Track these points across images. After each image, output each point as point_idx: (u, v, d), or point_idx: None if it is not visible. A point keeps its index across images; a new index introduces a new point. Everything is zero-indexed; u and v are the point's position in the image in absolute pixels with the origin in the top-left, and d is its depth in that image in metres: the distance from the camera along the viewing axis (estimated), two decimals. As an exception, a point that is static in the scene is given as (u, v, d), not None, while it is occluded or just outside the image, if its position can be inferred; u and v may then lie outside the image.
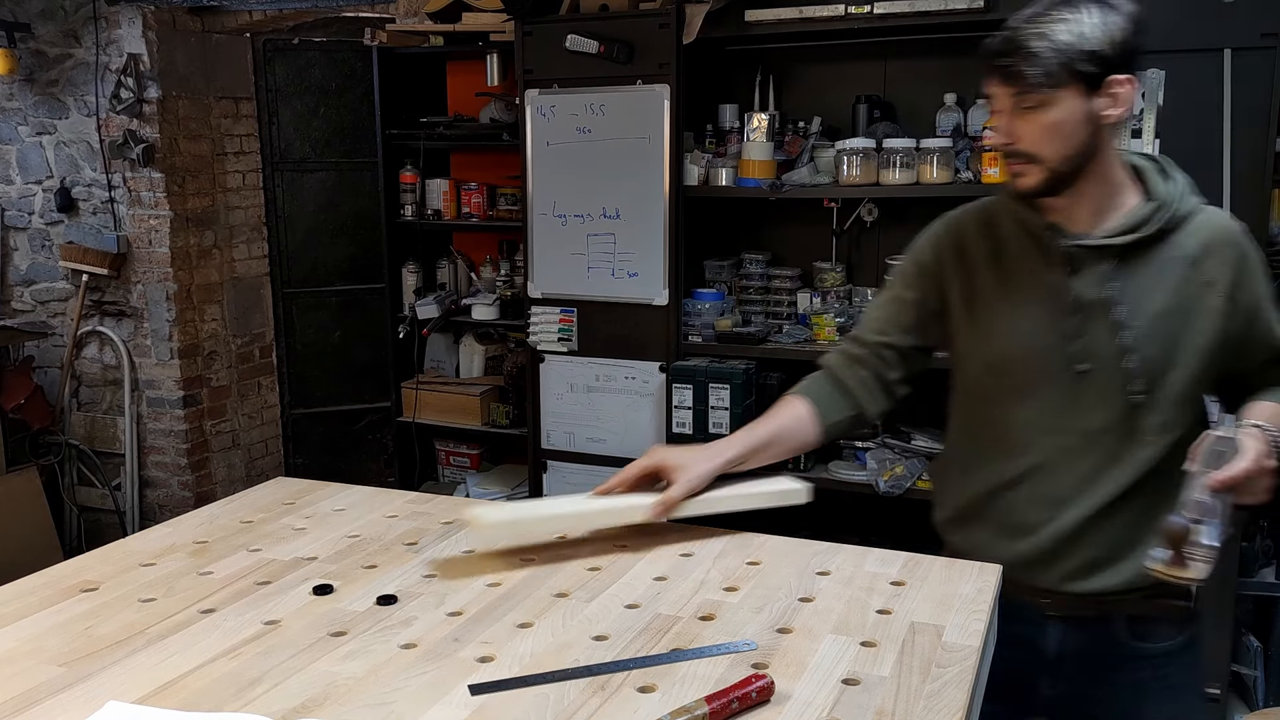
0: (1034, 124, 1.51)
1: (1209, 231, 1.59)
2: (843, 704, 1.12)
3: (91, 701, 1.13)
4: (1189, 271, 1.58)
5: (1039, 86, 1.47)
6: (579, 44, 3.33)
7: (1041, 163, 1.53)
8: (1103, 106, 1.50)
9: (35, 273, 4.58)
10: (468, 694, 1.14)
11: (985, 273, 1.68)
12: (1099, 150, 1.54)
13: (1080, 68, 1.47)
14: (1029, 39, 1.47)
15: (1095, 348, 1.59)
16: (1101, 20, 1.47)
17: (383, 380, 4.47)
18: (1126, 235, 1.57)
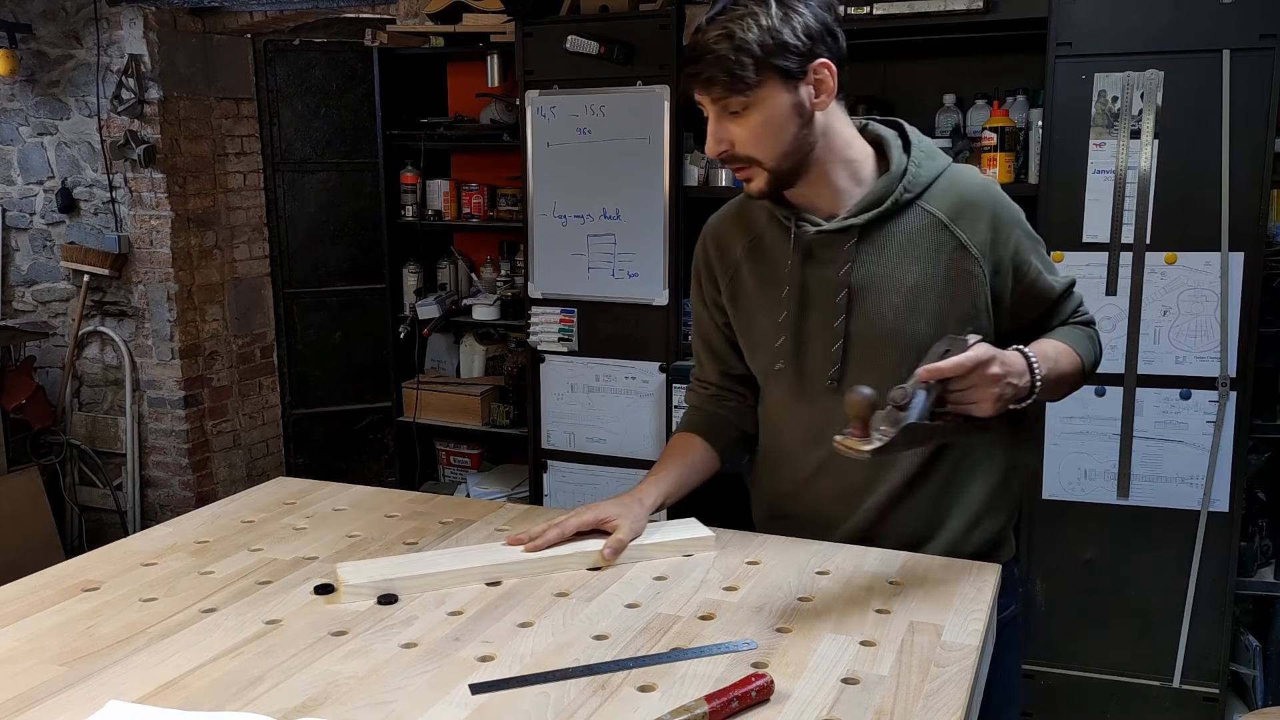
0: (744, 127, 1.46)
1: (955, 193, 1.54)
2: (842, 703, 1.12)
3: (92, 701, 1.13)
4: (941, 237, 1.53)
5: (735, 91, 1.42)
6: (579, 45, 3.34)
7: (761, 164, 1.48)
8: (809, 95, 1.45)
9: (36, 273, 4.59)
10: (468, 693, 1.14)
11: (745, 268, 1.64)
12: (821, 136, 1.49)
13: (775, 63, 1.41)
14: (714, 42, 1.41)
15: (853, 333, 1.56)
16: (782, 9, 1.42)
17: (383, 380, 4.47)
18: (862, 214, 1.52)
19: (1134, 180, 2.80)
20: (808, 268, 1.57)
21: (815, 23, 1.43)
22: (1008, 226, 1.55)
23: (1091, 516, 2.97)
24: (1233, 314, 2.78)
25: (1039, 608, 3.07)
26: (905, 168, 1.53)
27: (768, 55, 1.40)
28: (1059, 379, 1.53)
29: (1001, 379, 1.38)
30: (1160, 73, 2.74)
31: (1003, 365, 1.39)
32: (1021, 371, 1.42)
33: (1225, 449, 2.83)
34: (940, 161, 1.58)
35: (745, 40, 1.40)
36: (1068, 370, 1.56)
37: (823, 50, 1.44)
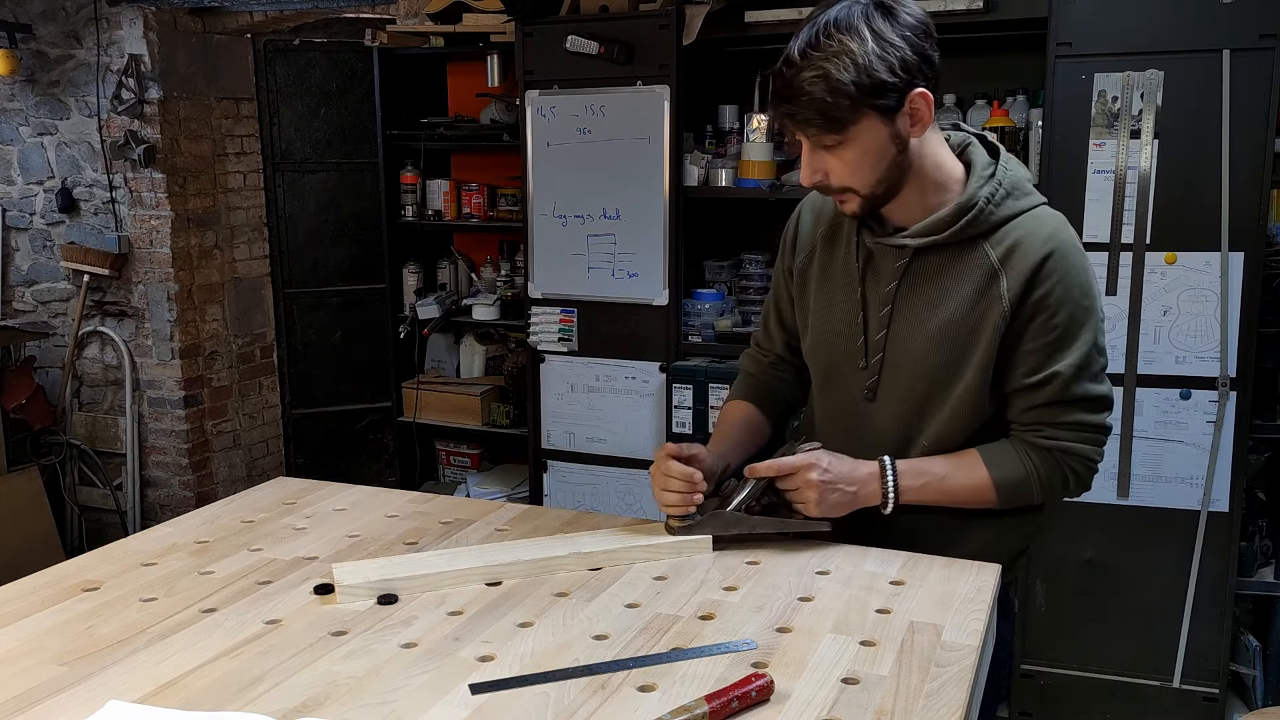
0: (839, 159, 1.44)
1: (1016, 238, 1.49)
2: (842, 703, 1.12)
3: (92, 701, 1.13)
4: (987, 282, 1.49)
5: (831, 131, 1.40)
6: (579, 45, 3.34)
7: (856, 192, 1.47)
8: (905, 125, 1.43)
9: (36, 273, 4.59)
10: (468, 693, 1.14)
11: (818, 254, 1.65)
12: (914, 162, 1.47)
13: (870, 102, 1.38)
14: (808, 83, 1.37)
15: (877, 349, 1.57)
16: (879, 44, 1.37)
17: (383, 380, 4.47)
18: (919, 238, 1.51)
19: (1134, 180, 2.80)
20: (868, 273, 1.58)
21: (911, 54, 1.40)
22: (1047, 287, 1.47)
23: (1091, 516, 2.96)
24: (1233, 314, 2.77)
25: (1039, 608, 3.06)
26: (978, 202, 1.49)
27: (863, 95, 1.37)
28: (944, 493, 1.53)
29: (823, 485, 1.48)
30: (1160, 73, 2.74)
31: (827, 474, 1.48)
32: (864, 479, 1.51)
33: (1225, 449, 2.83)
34: (1022, 203, 1.52)
35: (841, 81, 1.36)
36: (960, 486, 1.53)
37: (919, 80, 1.41)
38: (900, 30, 1.39)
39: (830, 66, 1.36)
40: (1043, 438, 1.52)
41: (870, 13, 1.39)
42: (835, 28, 1.37)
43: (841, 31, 1.37)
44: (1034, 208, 1.53)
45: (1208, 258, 2.78)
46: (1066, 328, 1.48)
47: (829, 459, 1.50)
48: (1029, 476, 1.53)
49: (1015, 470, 1.53)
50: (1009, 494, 1.54)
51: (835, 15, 1.39)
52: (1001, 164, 1.54)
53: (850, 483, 1.50)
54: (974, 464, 1.54)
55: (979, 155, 1.54)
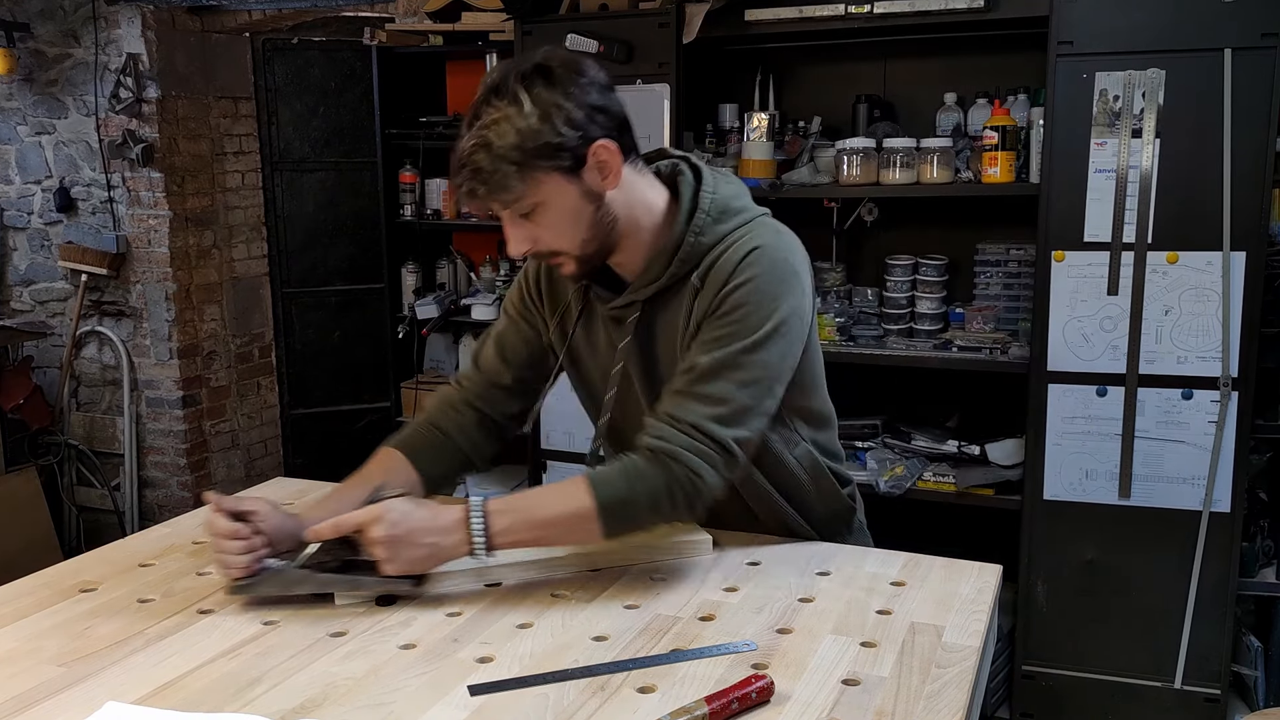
0: (539, 225, 1.39)
1: (715, 259, 1.44)
2: (842, 704, 1.12)
3: (90, 702, 1.12)
4: (691, 304, 1.45)
5: (503, 201, 1.36)
6: (578, 43, 3.33)
7: (569, 253, 1.43)
8: (595, 179, 1.38)
9: (34, 273, 4.58)
10: (467, 694, 1.14)
11: (572, 314, 1.59)
12: (620, 212, 1.43)
13: (539, 165, 1.33)
14: (470, 153, 1.34)
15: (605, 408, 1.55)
16: (539, 107, 1.32)
17: (382, 380, 4.46)
18: (643, 290, 1.47)
19: (1135, 179, 2.79)
20: (615, 332, 1.54)
21: (579, 109, 1.34)
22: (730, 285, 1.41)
23: (1092, 517, 2.96)
24: (1234, 314, 2.77)
25: (1039, 608, 3.06)
26: (681, 239, 1.45)
27: (531, 159, 1.33)
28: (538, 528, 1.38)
29: (390, 541, 1.32)
30: (1161, 72, 2.74)
31: (396, 527, 1.32)
32: (446, 528, 1.34)
33: (1227, 449, 2.82)
34: (728, 224, 1.46)
35: (502, 148, 1.32)
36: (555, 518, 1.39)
37: (597, 131, 1.36)
38: (562, 89, 1.34)
39: (490, 134, 1.33)
40: (653, 437, 1.39)
41: (529, 76, 1.34)
42: (495, 95, 1.34)
43: (500, 99, 1.33)
44: (745, 223, 1.47)
45: (1209, 257, 2.77)
46: (737, 327, 1.39)
47: (403, 510, 1.34)
48: (633, 491, 1.37)
49: (620, 487, 1.37)
50: (613, 516, 1.37)
51: (494, 83, 1.35)
52: (704, 189, 1.48)
53: (429, 533, 1.34)
54: (575, 489, 1.38)
55: (685, 185, 1.49)
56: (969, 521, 3.27)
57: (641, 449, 1.39)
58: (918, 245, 3.41)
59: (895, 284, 3.35)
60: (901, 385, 3.51)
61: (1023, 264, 3.23)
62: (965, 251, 3.36)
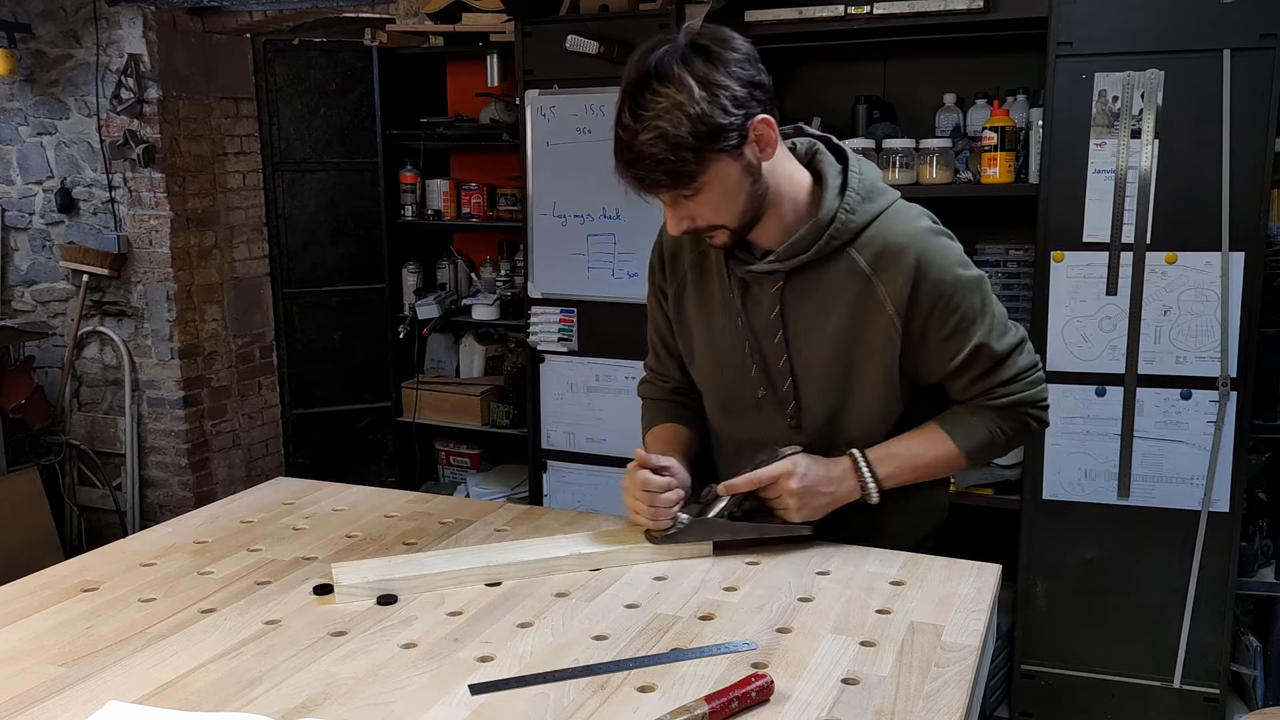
0: (700, 204, 1.43)
1: (881, 241, 1.50)
2: (842, 704, 1.12)
3: (91, 701, 1.13)
4: (863, 288, 1.50)
5: (683, 186, 1.39)
6: (579, 44, 3.33)
7: (725, 227, 1.47)
8: (754, 154, 1.42)
9: (36, 273, 4.58)
10: (468, 694, 1.14)
11: (690, 284, 1.64)
12: (771, 184, 1.47)
13: (713, 147, 1.36)
14: (648, 145, 1.35)
15: (772, 375, 1.58)
16: (705, 89, 1.34)
17: (383, 380, 4.47)
18: (787, 260, 1.51)
19: (1134, 180, 2.80)
20: (747, 302, 1.58)
21: (741, 88, 1.37)
22: (930, 281, 1.49)
23: (1092, 516, 2.96)
24: (1233, 314, 2.77)
25: (1039, 608, 3.06)
26: (835, 214, 1.49)
27: (705, 143, 1.35)
28: (917, 470, 1.58)
29: (802, 492, 1.50)
30: (1161, 72, 2.74)
31: (805, 478, 1.50)
32: (840, 477, 1.53)
33: (1226, 449, 2.83)
34: (877, 204, 1.52)
35: (680, 136, 1.34)
36: (931, 461, 1.59)
37: (755, 108, 1.39)
38: (723, 68, 1.36)
39: (666, 125, 1.34)
40: (996, 399, 1.57)
41: (688, 58, 1.35)
42: (659, 81, 1.34)
43: (666, 84, 1.34)
44: (890, 205, 1.54)
45: (1208, 257, 2.77)
46: (965, 306, 1.52)
47: (805, 464, 1.51)
48: (994, 436, 1.58)
49: (980, 434, 1.58)
50: (979, 456, 1.60)
51: (655, 68, 1.35)
52: (851, 168, 1.53)
53: (828, 483, 1.52)
54: (939, 438, 1.58)
55: (829, 164, 1.54)
56: (968, 521, 3.27)
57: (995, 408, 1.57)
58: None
59: (895, 284, 3.35)
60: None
61: (1022, 264, 3.23)
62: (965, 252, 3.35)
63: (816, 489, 1.51)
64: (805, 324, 1.55)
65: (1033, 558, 3.04)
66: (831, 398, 1.56)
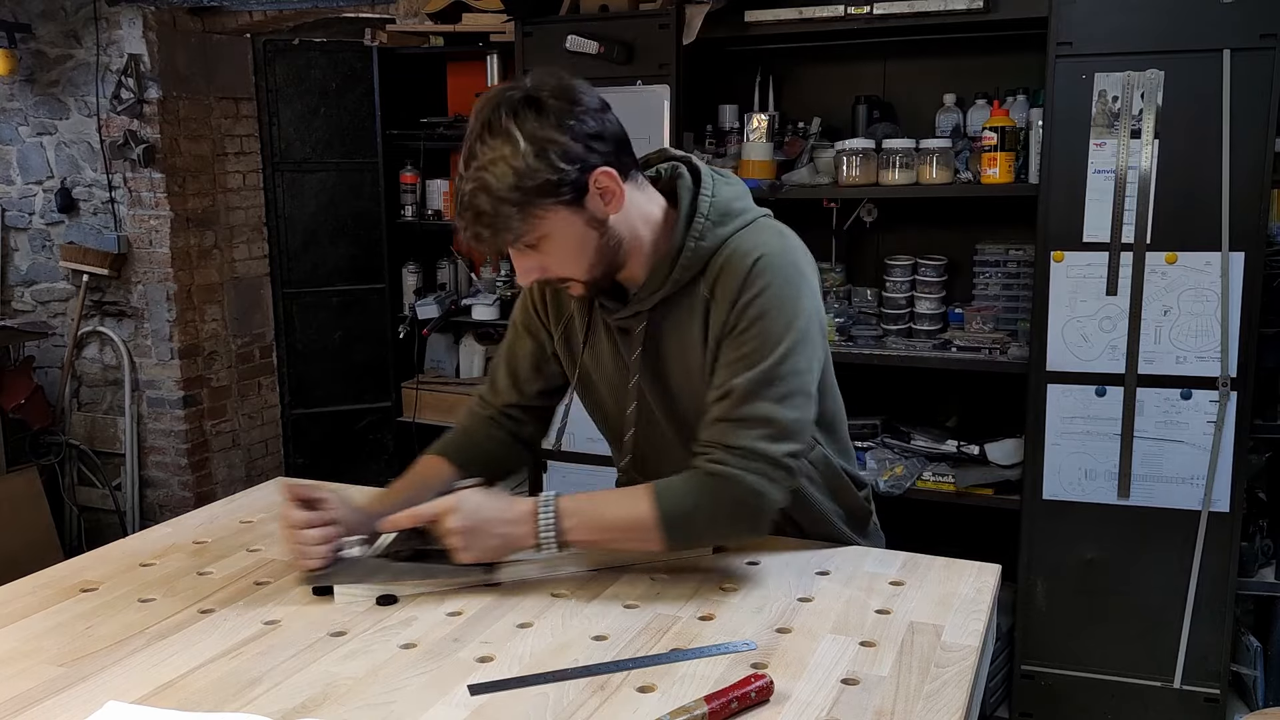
0: (545, 254, 1.38)
1: (721, 264, 1.43)
2: (842, 704, 1.12)
3: (91, 701, 1.13)
4: (705, 315, 1.45)
5: (507, 241, 1.35)
6: (579, 44, 3.33)
7: (578, 279, 1.43)
8: (598, 206, 1.37)
9: (36, 273, 4.58)
10: (468, 694, 1.14)
11: (577, 321, 1.59)
12: (624, 233, 1.42)
13: (540, 202, 1.32)
14: (470, 196, 1.32)
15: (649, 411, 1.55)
16: (533, 144, 1.30)
17: (383, 380, 4.47)
18: (646, 300, 1.47)
19: (1134, 180, 2.80)
20: (624, 342, 1.54)
21: (575, 142, 1.32)
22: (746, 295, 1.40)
23: (1092, 516, 2.96)
24: (1233, 314, 2.77)
25: (1039, 608, 3.06)
26: (681, 245, 1.43)
27: (530, 197, 1.31)
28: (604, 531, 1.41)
29: (466, 531, 1.36)
30: (1160, 72, 2.74)
31: (470, 518, 1.36)
32: (515, 519, 1.38)
33: (1226, 449, 2.83)
34: (728, 227, 1.45)
35: (501, 190, 1.30)
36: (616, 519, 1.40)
37: (596, 159, 1.34)
38: (556, 121, 1.31)
39: (488, 176, 1.30)
40: (710, 461, 1.37)
41: (519, 111, 1.31)
42: (488, 133, 1.31)
43: (494, 137, 1.31)
44: (745, 225, 1.46)
45: (1208, 257, 2.77)
46: (759, 342, 1.38)
47: (477, 501, 1.39)
48: (696, 507, 1.37)
49: (683, 500, 1.38)
50: (674, 528, 1.38)
51: (486, 119, 1.32)
52: (703, 192, 1.46)
53: (500, 524, 1.38)
54: (640, 497, 1.39)
55: (684, 189, 1.48)
56: (968, 521, 3.27)
57: (700, 472, 1.38)
58: (917, 246, 3.41)
59: (895, 284, 3.36)
60: (901, 385, 3.51)
61: (1022, 264, 3.23)
62: (964, 252, 3.36)
63: (486, 529, 1.37)
64: (671, 362, 1.50)
65: (1033, 558, 3.03)
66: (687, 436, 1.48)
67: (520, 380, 1.67)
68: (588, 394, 1.64)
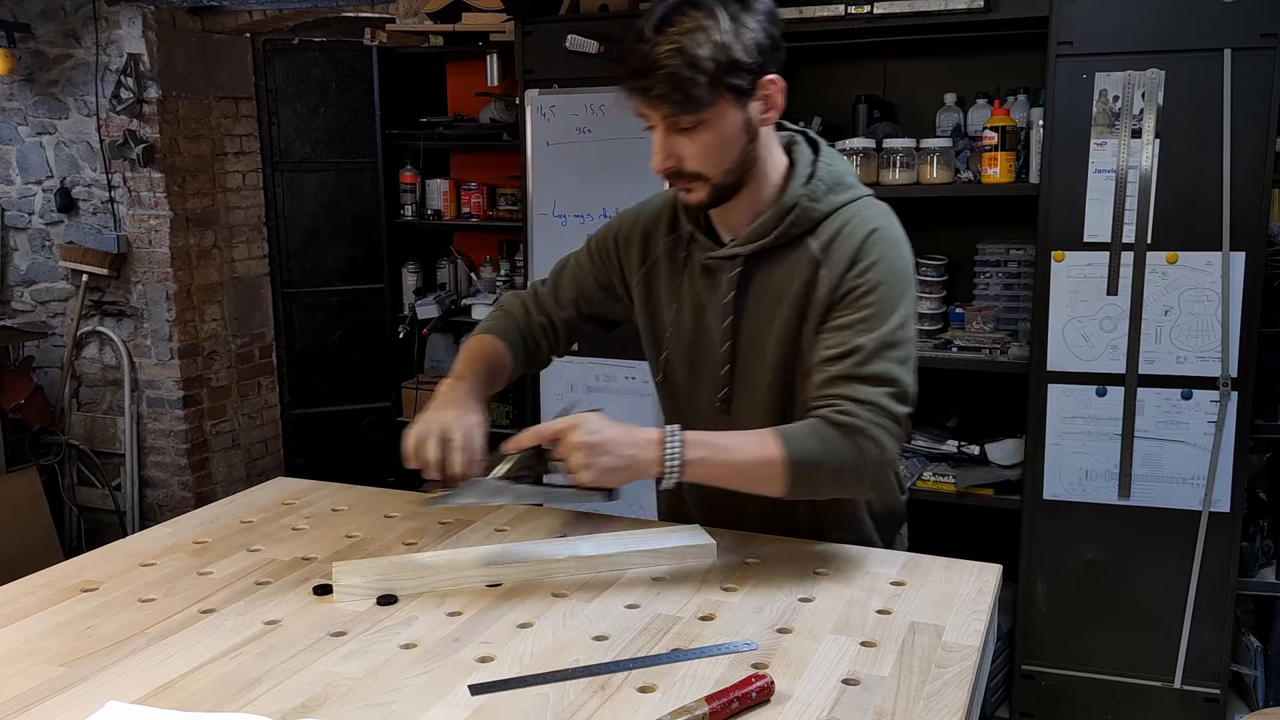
0: (694, 143, 1.41)
1: (835, 229, 1.48)
2: (842, 704, 1.12)
3: (91, 701, 1.13)
4: (810, 275, 1.48)
5: (688, 110, 1.37)
6: (579, 44, 3.33)
7: (707, 179, 1.45)
8: (757, 111, 1.43)
9: (35, 273, 4.58)
10: (468, 694, 1.14)
11: (662, 267, 1.63)
12: (758, 155, 1.47)
13: (729, 81, 1.36)
14: (666, 57, 1.34)
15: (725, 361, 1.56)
16: (733, 25, 1.36)
17: (383, 380, 4.47)
18: (747, 245, 1.50)
19: (1135, 180, 2.80)
20: (705, 286, 1.57)
21: (765, 38, 1.39)
22: (858, 270, 1.45)
23: (1092, 516, 2.96)
24: (1234, 314, 2.77)
25: (1039, 608, 3.06)
26: (798, 201, 1.48)
27: (721, 74, 1.36)
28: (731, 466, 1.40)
29: (590, 447, 1.35)
30: (1161, 72, 2.74)
31: (595, 434, 1.35)
32: (641, 444, 1.37)
33: (1226, 449, 2.83)
34: (841, 196, 1.51)
35: (698, 57, 1.34)
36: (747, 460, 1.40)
37: (772, 66, 1.41)
38: (753, 14, 1.38)
39: (687, 41, 1.34)
40: (839, 413, 1.39)
41: None
42: (691, 6, 1.36)
43: (697, 10, 1.36)
44: (856, 199, 1.53)
45: (1209, 257, 2.77)
46: (880, 307, 1.43)
47: (600, 422, 1.38)
48: (824, 454, 1.38)
49: (810, 449, 1.38)
50: (800, 475, 1.39)
51: None
52: (821, 160, 1.53)
53: (624, 446, 1.36)
54: (767, 440, 1.40)
55: (802, 153, 1.54)
56: (969, 521, 3.27)
57: (827, 422, 1.39)
58: (917, 245, 3.34)
59: (895, 284, 3.35)
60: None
61: (1022, 264, 3.23)
62: (965, 251, 3.36)
63: (607, 448, 1.35)
64: (755, 311, 1.53)
65: (1033, 558, 3.03)
66: (774, 392, 1.53)
67: (581, 301, 1.72)
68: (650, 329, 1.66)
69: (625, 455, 1.37)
